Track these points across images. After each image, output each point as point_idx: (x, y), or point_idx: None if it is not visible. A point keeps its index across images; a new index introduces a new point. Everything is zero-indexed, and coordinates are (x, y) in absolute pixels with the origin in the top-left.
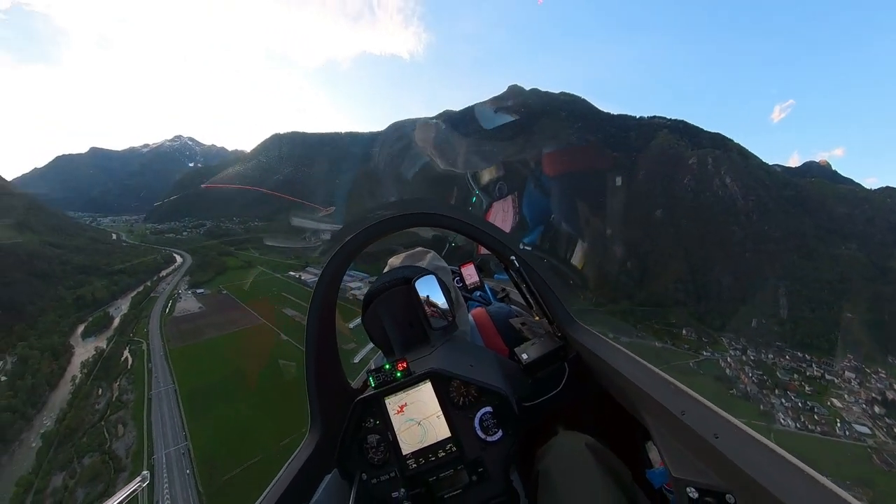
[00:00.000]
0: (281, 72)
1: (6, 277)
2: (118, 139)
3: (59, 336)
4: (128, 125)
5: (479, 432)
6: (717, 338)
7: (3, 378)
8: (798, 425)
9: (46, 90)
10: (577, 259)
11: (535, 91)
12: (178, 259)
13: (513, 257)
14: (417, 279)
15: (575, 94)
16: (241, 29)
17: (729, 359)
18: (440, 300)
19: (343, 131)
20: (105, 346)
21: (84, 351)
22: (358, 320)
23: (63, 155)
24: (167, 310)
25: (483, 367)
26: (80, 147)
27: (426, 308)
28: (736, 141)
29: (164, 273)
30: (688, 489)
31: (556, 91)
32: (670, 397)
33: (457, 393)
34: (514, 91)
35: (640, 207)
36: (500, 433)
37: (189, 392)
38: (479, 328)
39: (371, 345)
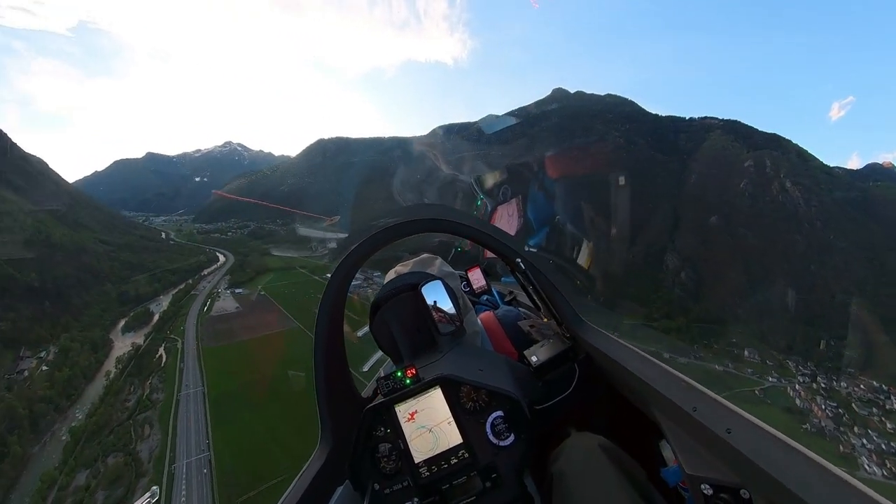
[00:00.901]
0: (327, 79)
1: (58, 271)
2: (173, 144)
3: (101, 330)
4: (182, 131)
5: (491, 437)
6: (783, 361)
7: (45, 368)
8: (885, 472)
9: (108, 100)
10: (618, 269)
11: (579, 94)
12: (221, 258)
13: (518, 260)
14: (424, 285)
15: (621, 95)
16: (291, 39)
17: (798, 386)
18: (447, 305)
19: (386, 136)
20: (142, 342)
21: (122, 345)
22: (366, 328)
23: (121, 159)
24: (205, 308)
25: (493, 370)
26: (137, 152)
27: (434, 313)
28: (794, 141)
29: (206, 272)
30: (702, 486)
31: (602, 93)
32: (681, 394)
33: (467, 398)
34: (559, 94)
35: (694, 214)
36: (511, 437)
37: (217, 396)
38: (487, 332)
39: (380, 353)
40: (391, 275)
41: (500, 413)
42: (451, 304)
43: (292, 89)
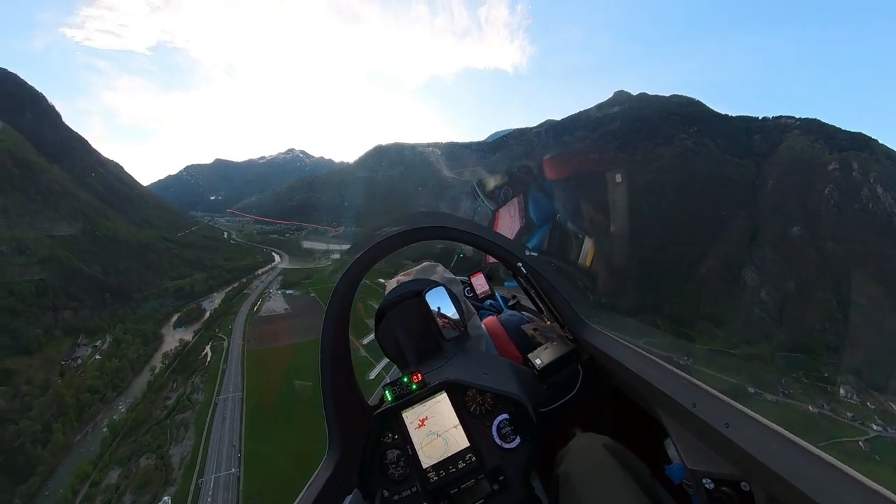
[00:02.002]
0: (386, 87)
1: (121, 266)
2: (239, 151)
3: (153, 324)
4: (248, 139)
5: (497, 440)
6: (887, 404)
7: (98, 357)
8: None
9: (182, 111)
10: (692, 286)
11: (643, 95)
12: (277, 258)
13: (519, 264)
14: (428, 291)
15: (687, 95)
16: (352, 50)
17: None
18: (451, 311)
19: (443, 141)
20: (190, 339)
21: (171, 341)
22: (371, 336)
23: (192, 164)
24: (255, 308)
25: (497, 374)
26: (206, 158)
27: (438, 319)
28: (881, 142)
29: (260, 271)
30: (704, 480)
31: (667, 94)
32: (682, 391)
33: (473, 402)
34: (621, 97)
35: (773, 223)
36: (518, 440)
37: (255, 405)
38: (491, 336)
39: (385, 360)
40: (392, 283)
41: (505, 416)
42: (455, 310)
43: (352, 97)
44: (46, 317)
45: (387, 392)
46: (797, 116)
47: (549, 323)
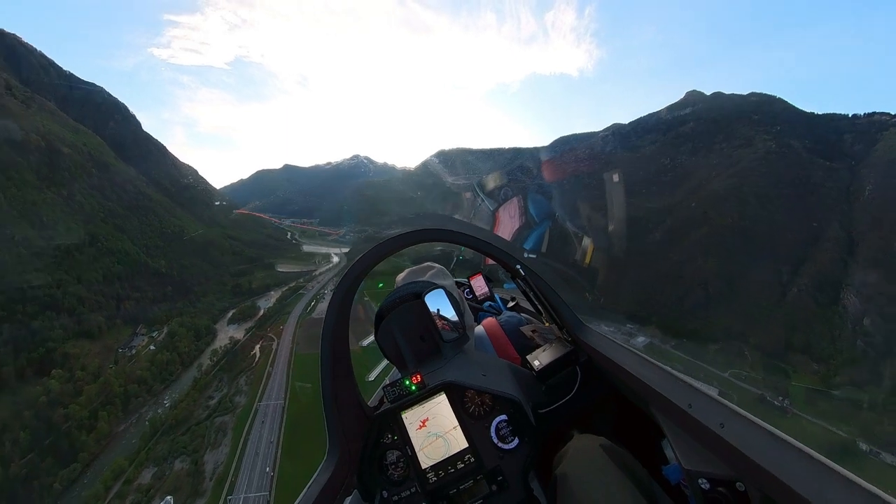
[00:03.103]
0: (452, 94)
1: (185, 261)
2: (307, 157)
3: (208, 318)
4: (316, 145)
5: (496, 441)
6: None
7: (152, 348)
8: None
9: (255, 120)
10: (784, 310)
11: (717, 95)
12: (335, 259)
13: (518, 266)
14: (427, 293)
15: (767, 93)
16: (420, 59)
17: None
18: (450, 313)
19: (506, 146)
20: (241, 337)
21: (224, 337)
22: (370, 338)
23: (262, 170)
24: (307, 309)
25: (496, 375)
26: (276, 163)
27: (437, 321)
28: None
29: (318, 272)
30: (700, 480)
31: (744, 92)
32: (678, 392)
33: (471, 403)
34: (693, 97)
35: (875, 236)
36: (516, 441)
37: (294, 416)
38: (490, 338)
39: (385, 362)
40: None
41: (504, 417)
42: (454, 312)
43: (417, 104)
44: (110, 305)
45: (387, 393)
46: (893, 112)
47: (547, 325)
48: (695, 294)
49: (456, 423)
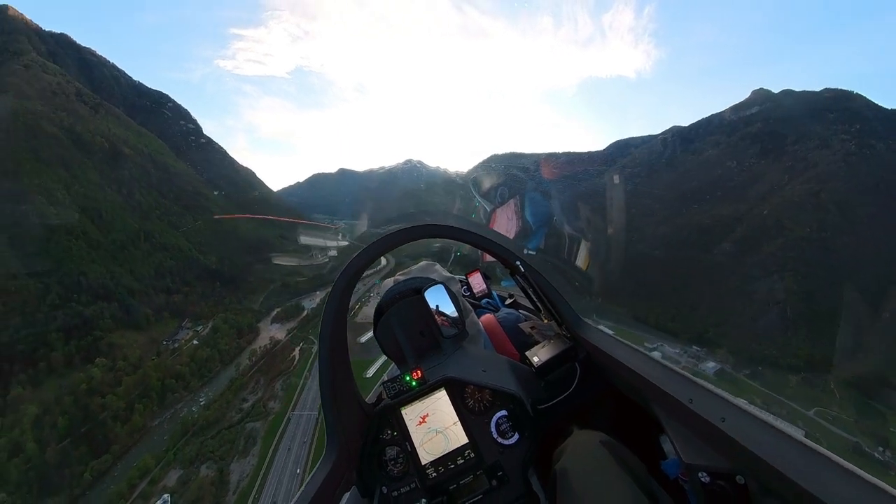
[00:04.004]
0: (507, 98)
1: (236, 259)
2: (361, 161)
3: (252, 316)
4: (370, 150)
5: (496, 436)
6: None
7: (195, 342)
8: None
9: (313, 126)
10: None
11: (787, 92)
12: (384, 261)
13: (517, 262)
14: (426, 289)
15: (843, 88)
16: (475, 63)
17: None
18: (450, 309)
19: (560, 151)
20: (282, 338)
21: (266, 336)
22: (369, 334)
23: (318, 173)
24: (352, 312)
25: (496, 371)
26: (331, 167)
27: (436, 317)
28: None
29: (366, 273)
30: (699, 474)
31: (817, 88)
32: (678, 387)
33: (471, 398)
34: (761, 95)
35: None
36: (516, 436)
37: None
38: (489, 335)
39: (383, 358)
40: (389, 282)
41: (504, 412)
42: (454, 308)
43: (471, 109)
44: (159, 298)
45: (386, 389)
46: None
47: (546, 321)
48: (770, 315)
49: (456, 418)
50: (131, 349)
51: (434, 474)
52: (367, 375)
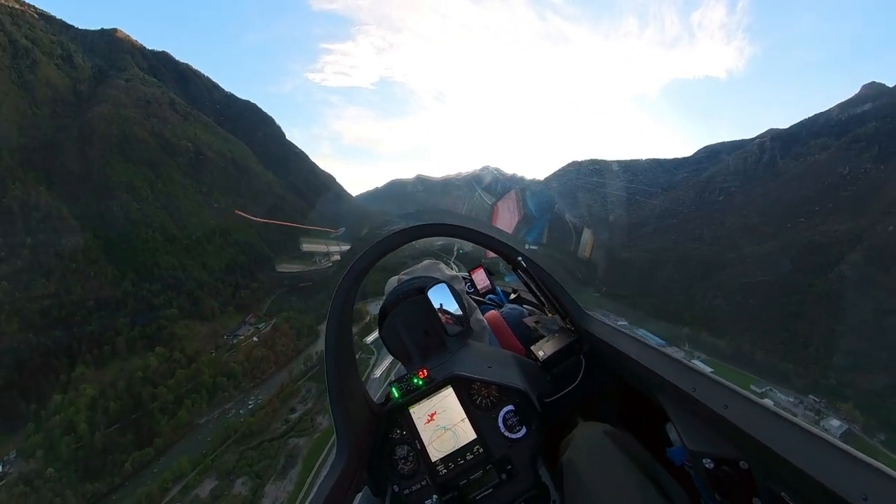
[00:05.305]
0: (588, 103)
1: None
2: (439, 168)
3: (314, 318)
4: (448, 156)
5: (504, 431)
6: None
7: (255, 339)
8: None
9: (394, 134)
10: None
11: None
12: (454, 268)
13: (519, 258)
14: (430, 288)
15: None
16: (557, 69)
17: None
18: (453, 307)
19: (643, 157)
20: None
21: (322, 341)
22: (374, 335)
23: (396, 179)
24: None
25: (501, 367)
26: (409, 173)
27: (441, 316)
28: None
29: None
30: (704, 460)
31: None
32: (682, 376)
33: (478, 395)
34: (873, 90)
35: None
36: (523, 430)
37: None
38: (494, 330)
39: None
40: (393, 282)
41: (510, 407)
42: (457, 306)
43: (552, 115)
44: (227, 292)
45: (394, 389)
46: None
47: (550, 315)
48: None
49: (464, 415)
50: (191, 341)
51: (444, 471)
52: (376, 376)
